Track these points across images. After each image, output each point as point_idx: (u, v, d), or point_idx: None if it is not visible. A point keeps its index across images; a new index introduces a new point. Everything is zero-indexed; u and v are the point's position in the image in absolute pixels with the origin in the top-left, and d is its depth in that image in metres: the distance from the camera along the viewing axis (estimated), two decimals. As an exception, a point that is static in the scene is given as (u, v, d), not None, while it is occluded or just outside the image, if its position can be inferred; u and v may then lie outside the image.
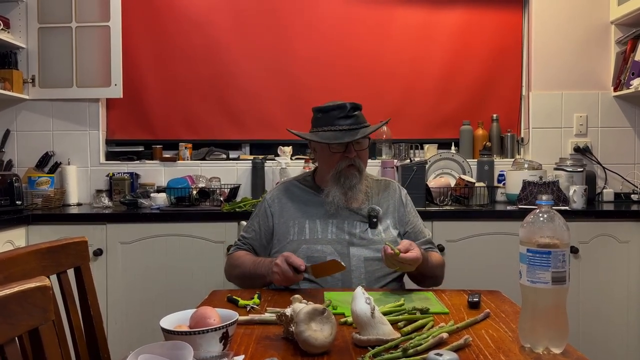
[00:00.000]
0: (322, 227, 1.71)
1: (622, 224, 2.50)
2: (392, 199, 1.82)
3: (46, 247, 1.26)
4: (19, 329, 0.82)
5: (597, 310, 2.49)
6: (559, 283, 1.01)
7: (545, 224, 1.02)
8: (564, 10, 3.04)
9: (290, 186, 1.84)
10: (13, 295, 0.81)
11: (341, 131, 1.68)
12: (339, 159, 1.70)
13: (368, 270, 1.66)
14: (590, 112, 3.05)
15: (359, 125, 1.70)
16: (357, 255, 1.66)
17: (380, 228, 1.73)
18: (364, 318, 1.07)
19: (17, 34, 2.97)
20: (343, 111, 1.70)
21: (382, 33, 3.15)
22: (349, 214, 1.72)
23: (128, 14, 3.05)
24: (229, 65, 3.15)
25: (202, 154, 3.13)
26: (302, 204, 1.77)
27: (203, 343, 0.97)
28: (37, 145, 3.03)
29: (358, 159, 1.71)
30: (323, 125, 1.72)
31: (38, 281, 0.87)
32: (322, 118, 1.73)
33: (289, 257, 1.50)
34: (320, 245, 1.67)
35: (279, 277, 1.51)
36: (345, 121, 1.69)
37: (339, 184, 1.70)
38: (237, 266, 1.71)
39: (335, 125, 1.69)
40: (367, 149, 1.76)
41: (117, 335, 2.44)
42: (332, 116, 1.71)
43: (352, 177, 1.69)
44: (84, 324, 1.33)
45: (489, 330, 1.16)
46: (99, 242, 2.48)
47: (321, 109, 1.75)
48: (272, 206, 1.79)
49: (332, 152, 1.70)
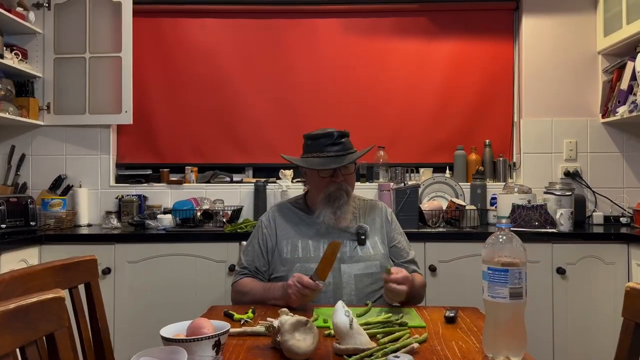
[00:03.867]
0: (314, 246, 1.83)
1: (607, 245, 2.60)
2: (379, 217, 1.94)
3: (60, 265, 1.40)
4: (38, 333, 0.95)
5: (584, 330, 2.58)
6: (516, 298, 1.12)
7: (504, 245, 1.15)
8: (553, 41, 3.19)
9: (284, 208, 1.97)
10: (33, 304, 0.94)
11: (329, 157, 1.82)
12: (328, 183, 1.83)
13: (358, 287, 1.76)
14: (579, 138, 3.17)
15: (345, 151, 1.83)
16: (348, 272, 1.77)
17: (368, 244, 1.85)
18: (343, 329, 1.19)
19: (34, 64, 3.15)
20: (330, 139, 1.83)
21: (379, 63, 3.31)
22: (338, 232, 1.84)
23: (139, 45, 3.23)
24: (233, 94, 3.32)
25: (207, 177, 3.27)
26: (295, 225, 1.89)
27: (197, 350, 1.09)
28: (50, 169, 3.18)
29: (345, 183, 1.84)
30: (312, 152, 1.85)
31: (54, 293, 1.00)
32: (311, 145, 1.87)
33: (301, 279, 1.57)
34: (312, 264, 1.78)
35: (295, 297, 1.58)
36: (333, 148, 1.83)
37: (329, 204, 1.82)
38: (246, 293, 1.79)
39: (324, 151, 1.83)
40: (353, 173, 1.89)
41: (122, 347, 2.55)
42: (320, 143, 1.84)
43: (340, 198, 1.82)
44: (92, 336, 1.46)
45: (459, 342, 1.28)
46: (108, 261, 2.61)
47: (311, 136, 1.88)
48: (268, 227, 1.92)
49: (321, 177, 1.84)
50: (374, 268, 1.80)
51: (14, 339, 0.89)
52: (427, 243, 2.62)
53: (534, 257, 2.56)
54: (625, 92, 2.90)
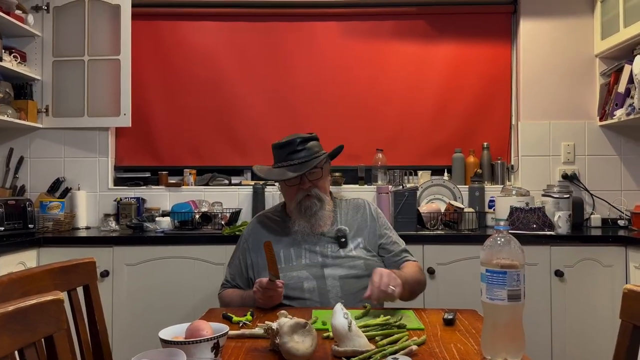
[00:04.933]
0: (295, 254, 1.83)
1: (605, 248, 2.60)
2: (362, 217, 1.93)
3: (58, 267, 1.40)
4: (36, 335, 0.95)
5: (582, 332, 2.58)
6: (515, 300, 1.12)
7: (502, 247, 1.15)
8: (550, 43, 3.20)
9: (263, 219, 1.97)
10: (32, 307, 0.94)
11: (292, 166, 1.80)
12: (297, 191, 1.83)
13: (344, 289, 1.75)
14: (577, 141, 3.18)
15: (309, 157, 1.80)
16: (332, 275, 1.77)
17: (351, 246, 1.84)
18: (341, 331, 1.19)
19: (32, 67, 3.15)
20: (292, 146, 1.81)
21: (377, 66, 3.32)
22: (319, 238, 1.84)
23: (138, 48, 3.24)
24: (232, 96, 3.32)
25: (206, 179, 3.27)
26: (275, 234, 1.88)
27: (196, 352, 1.09)
28: (49, 171, 3.18)
29: (315, 188, 1.82)
30: (278, 162, 1.85)
31: (53, 295, 1.00)
32: (277, 154, 1.86)
33: (261, 282, 1.62)
34: (295, 272, 1.78)
35: (263, 300, 1.63)
36: (296, 155, 1.81)
37: (302, 213, 1.82)
38: (227, 303, 1.85)
39: (287, 160, 1.81)
40: (324, 177, 1.86)
41: (121, 350, 2.55)
42: (283, 152, 1.83)
43: (312, 206, 1.81)
44: (91, 338, 1.46)
45: (458, 344, 1.28)
46: (106, 264, 2.61)
47: (275, 146, 1.87)
48: (248, 241, 1.92)
49: (288, 186, 1.84)
50: (359, 269, 1.79)
51: (13, 341, 0.89)
52: (426, 245, 2.62)
53: (532, 259, 2.57)
54: (623, 95, 2.91)
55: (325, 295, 1.74)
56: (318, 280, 1.75)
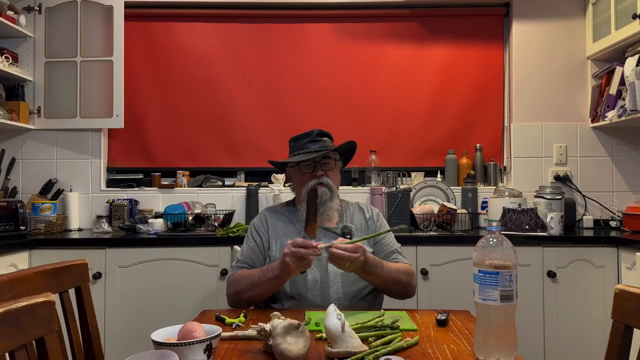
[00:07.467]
0: None
1: (597, 249, 2.62)
2: (366, 218, 1.96)
3: (50, 269, 1.39)
4: (27, 338, 0.94)
5: (574, 332, 2.59)
6: (507, 300, 1.13)
7: (494, 248, 1.15)
8: (543, 46, 3.22)
9: (273, 210, 2.00)
10: (23, 308, 0.94)
11: (309, 152, 1.87)
12: (309, 178, 1.86)
13: (345, 285, 1.77)
14: (569, 142, 3.20)
15: (325, 148, 1.88)
16: (335, 270, 1.77)
17: None
18: (335, 332, 1.19)
19: (24, 68, 3.14)
20: (310, 136, 1.90)
21: (371, 68, 3.33)
22: (325, 232, 1.86)
23: (130, 49, 3.23)
24: (226, 98, 3.32)
25: (199, 181, 3.26)
26: (284, 224, 1.91)
27: (189, 354, 1.09)
28: (41, 173, 3.17)
29: (326, 177, 1.86)
30: (295, 151, 1.92)
31: (44, 297, 0.99)
32: (294, 146, 1.94)
33: (295, 240, 1.56)
34: None
35: (293, 263, 1.55)
36: (313, 145, 1.88)
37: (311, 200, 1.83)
38: (244, 278, 1.75)
39: (304, 149, 1.88)
40: (336, 169, 1.91)
41: (113, 352, 2.54)
42: (301, 142, 1.90)
43: (322, 194, 1.83)
44: (83, 340, 1.45)
45: (450, 344, 1.28)
46: (99, 266, 2.60)
47: (293, 138, 1.95)
48: (261, 226, 1.93)
49: (302, 174, 1.88)
50: None
51: (4, 343, 0.89)
52: (419, 247, 2.63)
53: (524, 260, 2.58)
54: (614, 96, 2.93)
55: (326, 290, 1.76)
56: (322, 272, 1.77)
